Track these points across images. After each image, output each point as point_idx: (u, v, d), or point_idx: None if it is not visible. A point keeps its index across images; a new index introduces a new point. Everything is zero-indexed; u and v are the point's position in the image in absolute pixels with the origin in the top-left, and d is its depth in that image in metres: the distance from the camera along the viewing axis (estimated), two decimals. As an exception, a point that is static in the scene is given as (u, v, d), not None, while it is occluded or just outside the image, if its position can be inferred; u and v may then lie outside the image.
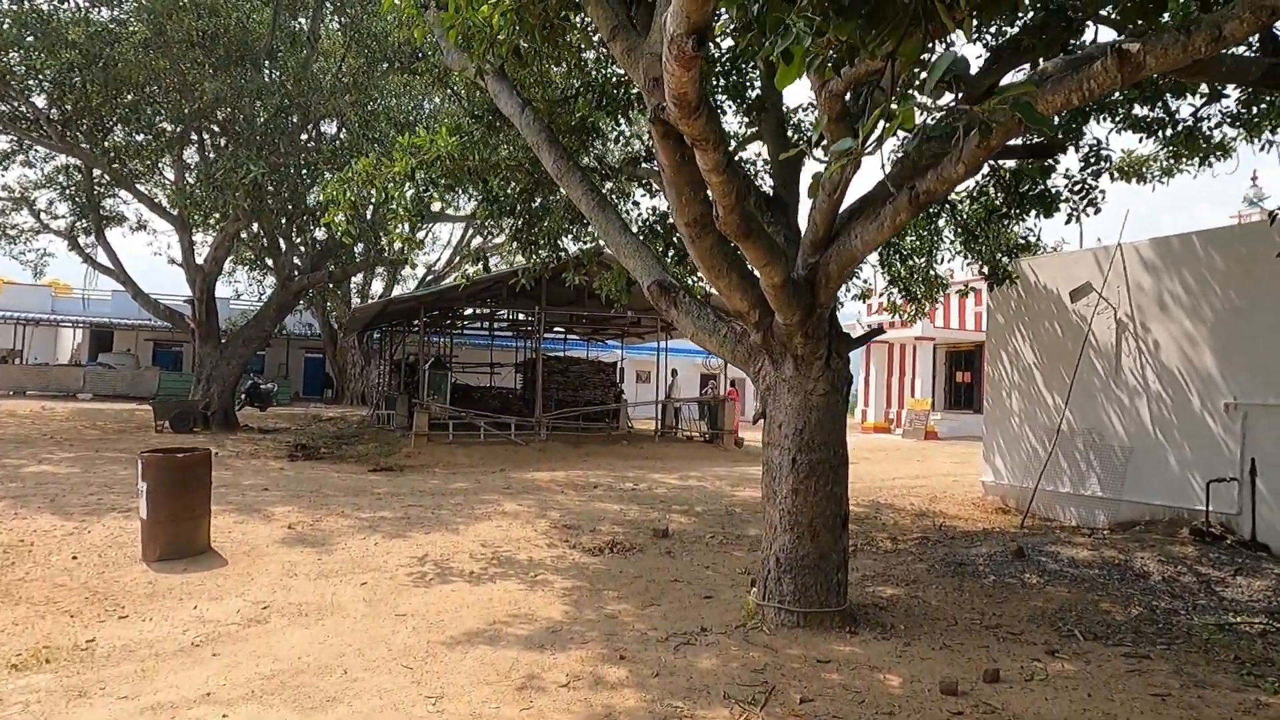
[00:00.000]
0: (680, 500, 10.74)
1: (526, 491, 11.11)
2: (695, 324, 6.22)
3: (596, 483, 12.04)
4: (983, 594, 6.42)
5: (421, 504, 9.84)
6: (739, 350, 6.05)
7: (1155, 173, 9.94)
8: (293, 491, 10.38)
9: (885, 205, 4.50)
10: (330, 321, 31.70)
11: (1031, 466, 10.46)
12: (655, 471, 13.53)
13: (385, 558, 7.24)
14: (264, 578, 6.49)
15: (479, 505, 9.85)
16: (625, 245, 6.67)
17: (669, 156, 4.77)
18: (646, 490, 11.52)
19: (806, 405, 5.60)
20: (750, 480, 12.87)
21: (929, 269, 11.17)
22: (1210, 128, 8.56)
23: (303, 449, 15.05)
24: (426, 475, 12.58)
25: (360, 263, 18.85)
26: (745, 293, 5.43)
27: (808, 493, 5.59)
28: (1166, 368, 8.93)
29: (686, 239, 5.21)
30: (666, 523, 9.03)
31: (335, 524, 8.50)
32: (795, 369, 5.59)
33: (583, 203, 7.02)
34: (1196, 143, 8.64)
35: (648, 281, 6.35)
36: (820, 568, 5.59)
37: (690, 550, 7.99)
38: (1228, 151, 9.09)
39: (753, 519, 9.62)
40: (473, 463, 14.04)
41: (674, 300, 6.25)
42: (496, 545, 7.89)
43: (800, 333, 5.41)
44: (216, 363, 18.33)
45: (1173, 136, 8.62)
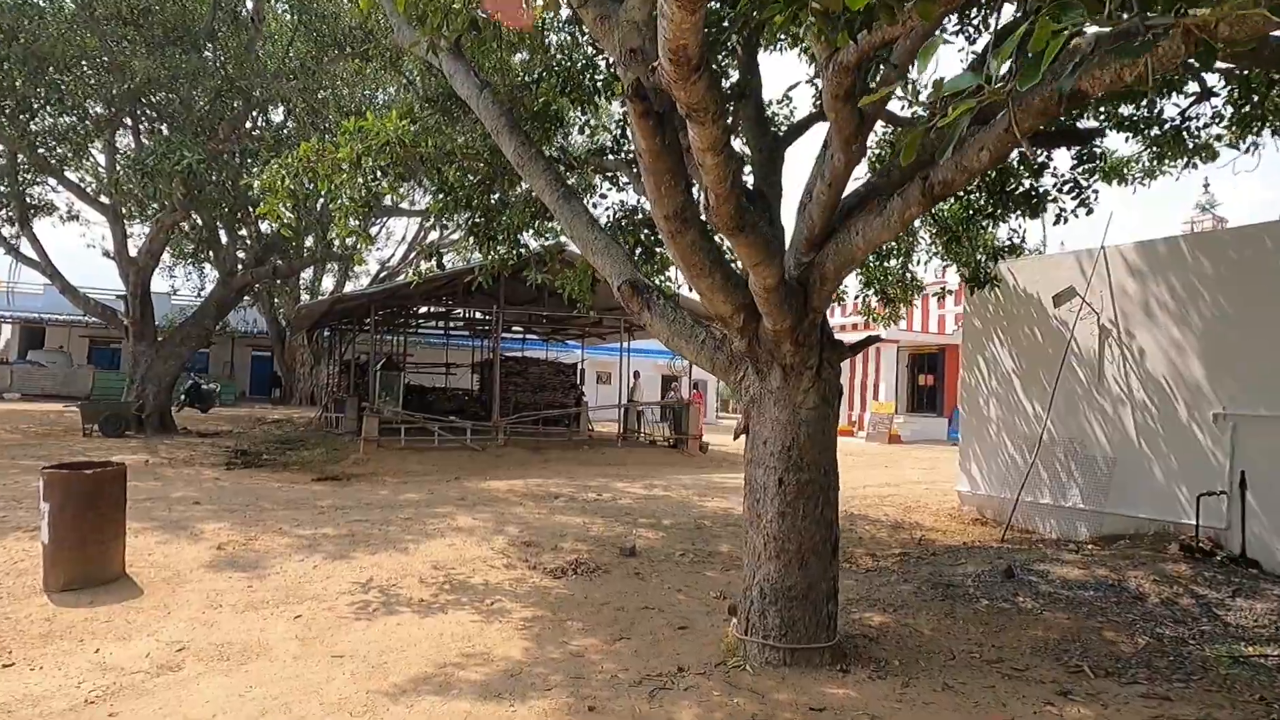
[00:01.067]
0: (646, 513, 10.17)
1: (483, 503, 10.43)
2: (670, 328, 5.65)
3: (557, 493, 11.41)
4: (977, 621, 5.96)
5: (368, 519, 9.11)
6: (718, 358, 5.50)
7: (1137, 174, 9.65)
8: (226, 505, 9.57)
9: (893, 199, 3.97)
10: (278, 319, 30.49)
11: (1009, 476, 10.12)
12: (619, 480, 12.94)
13: (324, 583, 6.53)
14: (183, 611, 5.75)
15: (431, 520, 9.16)
16: (593, 241, 6.10)
17: (649, 140, 4.20)
18: (610, 501, 10.93)
19: (795, 420, 5.07)
20: (718, 489, 12.35)
21: (904, 271, 10.77)
22: (1198, 128, 8.27)
23: (242, 455, 14.14)
24: (375, 485, 11.82)
25: (308, 258, 17.93)
26: (729, 295, 4.88)
27: (795, 516, 5.06)
28: (1152, 376, 8.62)
29: (665, 234, 4.64)
30: (633, 539, 8.45)
31: (271, 543, 7.75)
32: (783, 380, 5.05)
33: (546, 194, 6.42)
34: (1183, 143, 8.34)
35: (618, 281, 5.77)
36: (809, 599, 5.07)
37: (660, 571, 7.43)
38: (1212, 153, 8.83)
39: (724, 533, 9.10)
40: (425, 470, 13.30)
41: (647, 302, 5.68)
42: (449, 567, 7.23)
43: (790, 340, 4.87)
44: (152, 362, 17.26)
45: (1159, 136, 8.31)
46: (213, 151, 13.39)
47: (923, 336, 25.06)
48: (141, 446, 14.86)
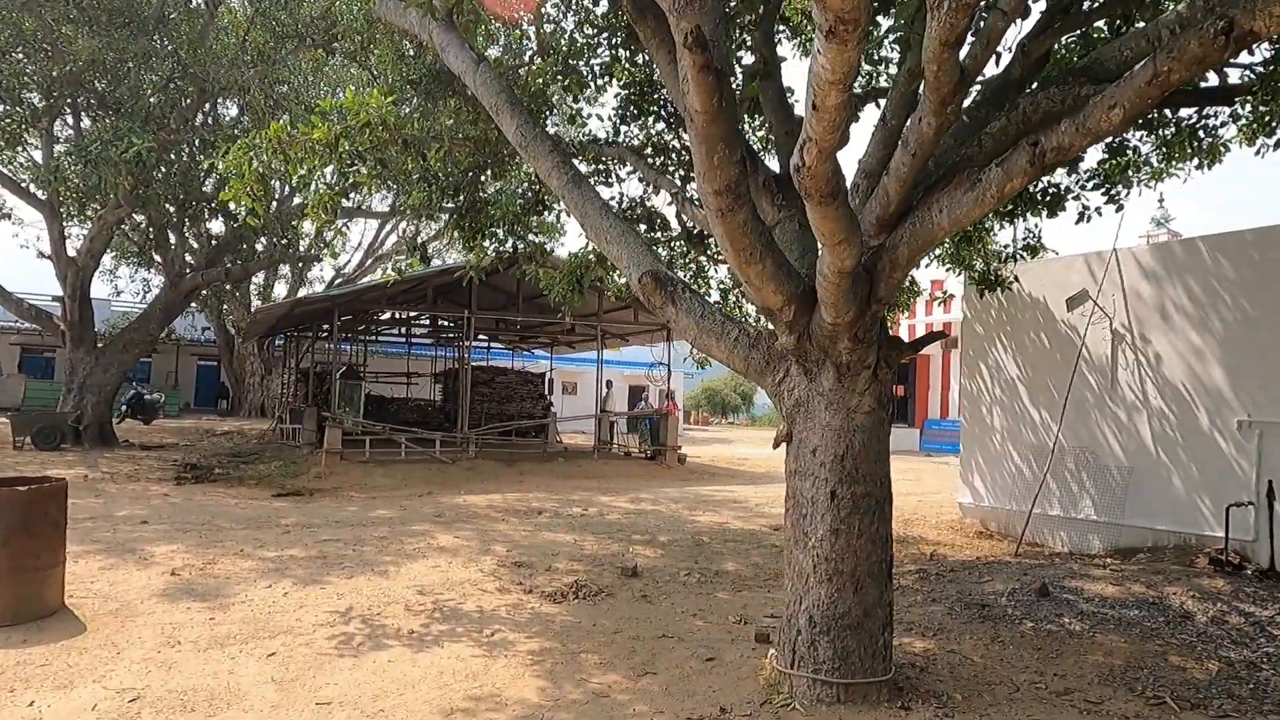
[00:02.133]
0: (639, 529, 9.54)
1: (461, 520, 9.68)
2: (699, 324, 5.07)
3: (540, 508, 10.71)
4: (1028, 646, 5.47)
5: (339, 538, 8.31)
6: (753, 357, 4.93)
7: (1144, 176, 9.40)
8: (179, 524, 8.67)
9: (990, 169, 3.45)
10: (227, 326, 29.10)
11: (1015, 488, 9.75)
12: (601, 493, 12.28)
13: (298, 614, 5.77)
14: (135, 650, 4.94)
15: (408, 539, 8.40)
16: (607, 230, 5.51)
17: (705, 98, 3.62)
18: (598, 516, 10.27)
19: (849, 425, 4.52)
20: (707, 503, 11.78)
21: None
22: (1215, 127, 8.01)
23: (192, 469, 13.12)
24: (342, 501, 10.97)
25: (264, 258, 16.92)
26: (780, 284, 4.32)
27: (850, 534, 4.50)
28: (1170, 382, 8.31)
29: (713, 213, 4.05)
30: (633, 559, 7.82)
31: (233, 567, 6.93)
32: (837, 380, 4.50)
33: (553, 178, 5.81)
34: (1197, 143, 8.07)
35: (638, 273, 5.18)
36: (864, 627, 4.51)
37: (668, 593, 6.81)
38: (1219, 155, 8.60)
39: (726, 551, 8.53)
40: (394, 485, 12.46)
41: (671, 296, 5.09)
42: (436, 592, 6.51)
43: (849, 335, 4.32)
44: (91, 370, 16.06)
45: (1173, 136, 8.02)
46: (163, 143, 12.43)
47: (893, 347, 24.87)
48: (80, 460, 13.72)
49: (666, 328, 17.05)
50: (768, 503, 11.92)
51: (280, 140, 6.76)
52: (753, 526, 9.94)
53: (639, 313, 16.95)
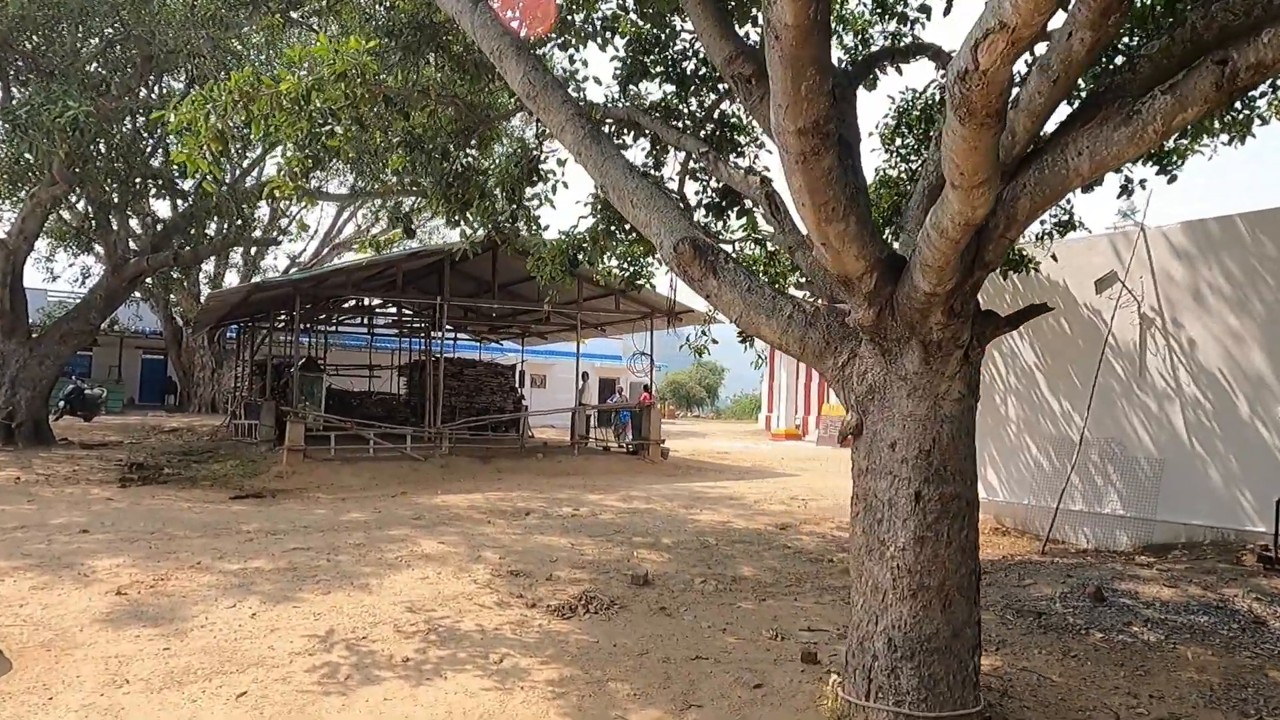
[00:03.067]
0: (638, 530, 8.81)
1: (443, 523, 8.85)
2: (745, 299, 4.36)
3: (526, 508, 9.92)
4: (1107, 661, 4.88)
5: (310, 546, 7.44)
6: (810, 337, 4.24)
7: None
8: (125, 533, 7.71)
9: (1155, 97, 2.79)
10: (174, 317, 27.57)
11: (1033, 481, 9.25)
12: (588, 491, 11.52)
13: (270, 640, 4.93)
14: (72, 693, 4.07)
15: (388, 545, 7.56)
16: (633, 191, 4.78)
17: (799, 8, 2.89)
18: (591, 517, 9.52)
19: (936, 415, 3.85)
20: (702, 501, 11.10)
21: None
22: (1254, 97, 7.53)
23: (139, 470, 12.03)
24: (309, 503, 10.04)
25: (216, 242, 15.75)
26: (864, 247, 3.62)
27: (938, 542, 3.83)
28: (1205, 368, 7.85)
29: (792, 158, 3.33)
30: (641, 565, 7.10)
31: (189, 584, 6.05)
32: (923, 362, 3.82)
33: (567, 133, 5.06)
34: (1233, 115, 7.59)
35: (673, 240, 4.46)
36: (953, 650, 3.85)
37: (686, 604, 6.11)
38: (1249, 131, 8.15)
39: (736, 554, 7.86)
40: (363, 484, 11.55)
41: (713, 266, 4.38)
42: (428, 608, 5.71)
43: (944, 307, 3.65)
44: (25, 362, 14.77)
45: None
46: (103, 111, 11.30)
47: (870, 337, 24.49)
48: (11, 461, 12.52)
49: (649, 316, 16.35)
50: (765, 499, 11.29)
51: (243, 92, 5.88)
52: (756, 526, 9.29)
53: (620, 300, 16.22)
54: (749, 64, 5.02)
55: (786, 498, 11.54)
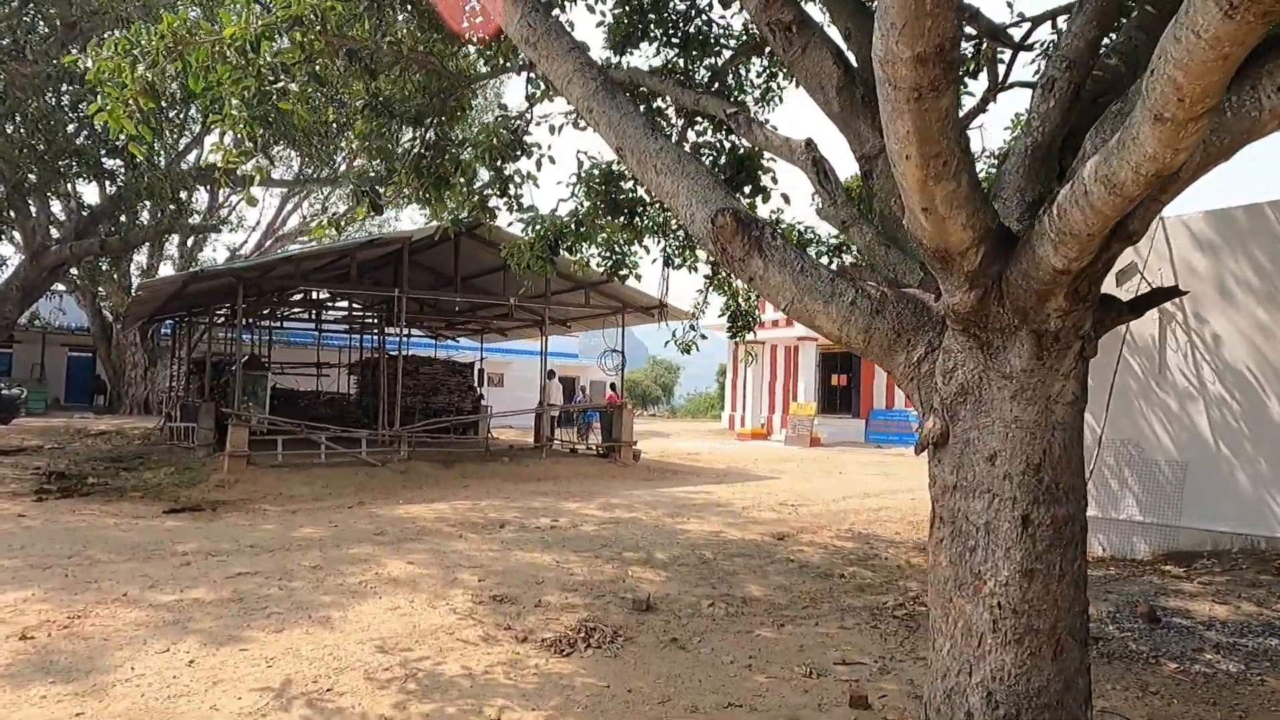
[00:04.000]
0: (626, 543, 8.04)
1: (410, 538, 7.95)
2: (797, 282, 3.62)
3: (500, 519, 9.05)
4: (1196, 699, 4.29)
5: (258, 570, 6.48)
6: (878, 327, 3.53)
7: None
8: (37, 558, 6.66)
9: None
10: (103, 312, 25.79)
11: (1041, 485, 8.72)
12: (564, 499, 10.70)
13: (212, 697, 4.04)
14: (-50, 787, 3.15)
15: (350, 568, 6.65)
16: (656, 156, 4.03)
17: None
18: (572, 529, 8.71)
19: (1047, 421, 3.17)
20: (687, 508, 10.38)
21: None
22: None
23: (59, 480, 10.81)
24: (254, 516, 9.02)
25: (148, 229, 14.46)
26: (974, 214, 2.91)
27: (1049, 576, 3.16)
28: (1231, 366, 7.40)
29: (906, 92, 2.59)
30: (639, 587, 6.34)
31: (112, 622, 5.09)
32: (1035, 357, 3.13)
33: (574, 85, 4.28)
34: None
35: (708, 212, 3.72)
36: (1065, 705, 3.18)
37: (698, 632, 5.37)
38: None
39: (739, 569, 7.15)
40: (316, 494, 10.53)
41: (758, 242, 3.64)
42: (403, 647, 4.86)
43: (1069, 290, 2.97)
44: (-71, 360, 13.31)
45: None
46: (16, 79, 10.07)
47: (836, 335, 24.08)
48: (-89, 470, 11.17)
49: (622, 312, 15.56)
50: (753, 505, 10.63)
51: (177, 37, 4.96)
52: (752, 536, 8.60)
53: (590, 295, 15.41)
54: (789, 9, 4.30)
55: (775, 503, 10.89)
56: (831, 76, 4.29)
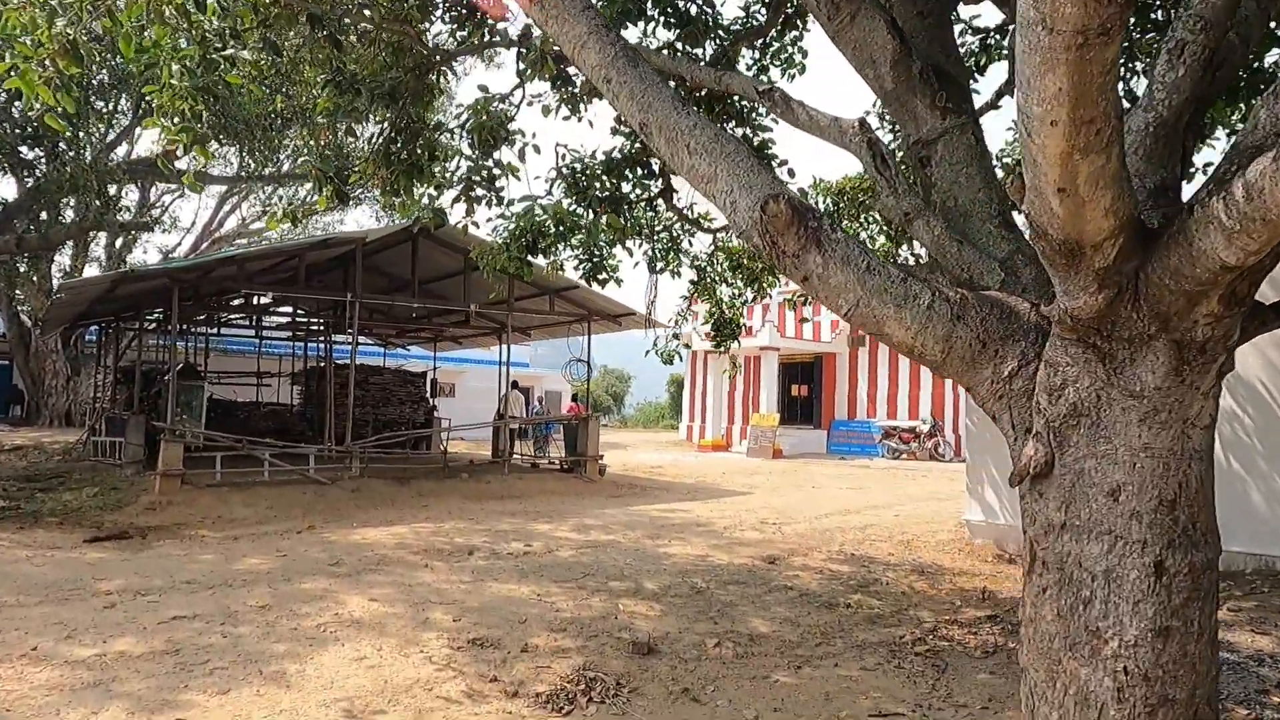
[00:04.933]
0: (609, 571, 7.38)
1: (369, 569, 7.16)
2: (863, 282, 3.06)
3: (467, 544, 8.30)
4: (1283, 754, 3.85)
5: (196, 612, 5.65)
6: (959, 335, 3.01)
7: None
8: (-71, 602, 5.70)
9: None
10: (20, 315, 24.02)
11: (1040, 502, 8.37)
12: (533, 519, 9.98)
13: (143, 790, 3.26)
14: None
15: (304, 608, 5.85)
16: (692, 133, 3.44)
17: None
18: (547, 554, 8.01)
19: (1183, 449, 2.66)
20: (666, 528, 9.76)
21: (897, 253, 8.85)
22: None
23: (-35, 503, 9.65)
24: (191, 545, 8.09)
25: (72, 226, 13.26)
26: (1119, 198, 2.38)
27: (1187, 635, 2.64)
28: (1242, 378, 7.13)
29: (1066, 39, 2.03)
30: (634, 624, 5.70)
31: (18, 686, 4.25)
32: (1172, 373, 2.62)
33: (589, 50, 3.71)
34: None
35: (757, 197, 3.14)
36: (1199, 790, 2.66)
37: (710, 679, 4.76)
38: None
39: (735, 599, 6.57)
40: (260, 517, 9.60)
41: (816, 236, 3.07)
42: (375, 709, 4.14)
43: (1225, 292, 2.46)
44: None
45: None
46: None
47: (797, 344, 23.85)
48: None
49: (587, 319, 14.87)
50: (733, 525, 10.07)
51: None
52: (741, 560, 8.03)
53: (555, 301, 14.70)
54: (836, -31, 3.77)
55: (755, 522, 10.35)
56: (885, 48, 3.76)
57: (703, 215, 8.30)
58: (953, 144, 3.70)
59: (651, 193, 7.30)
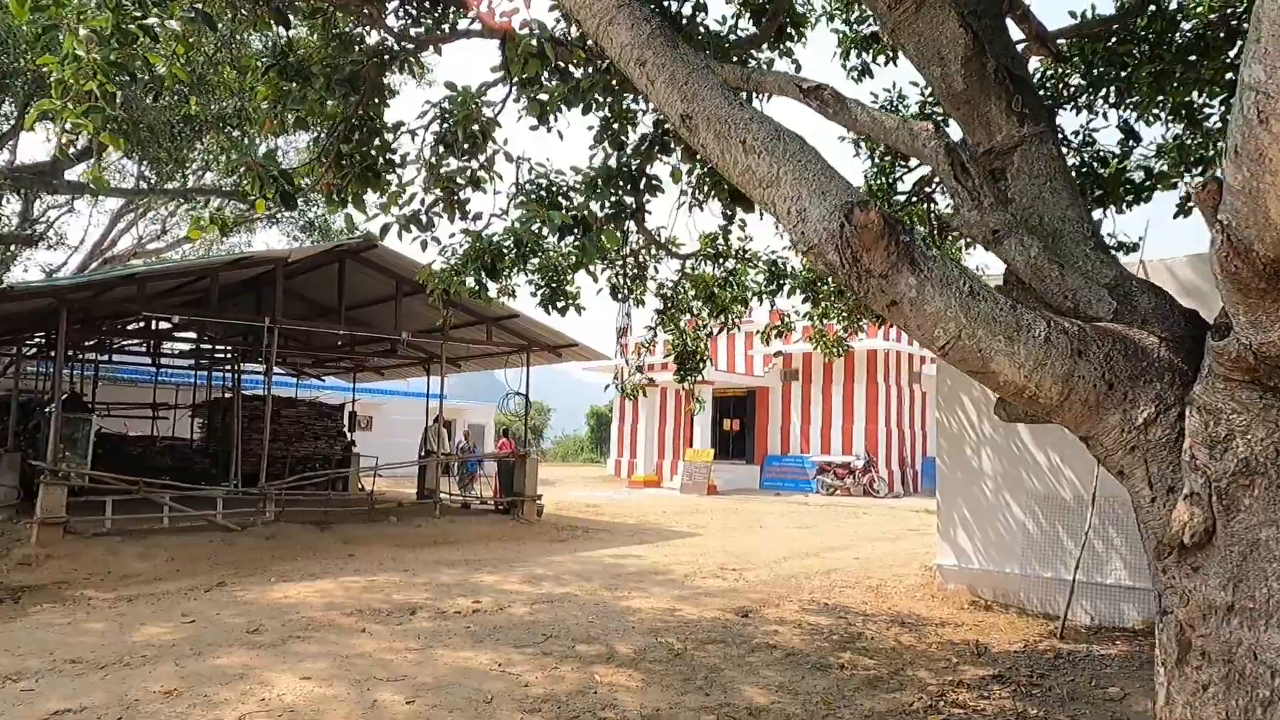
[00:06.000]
0: (574, 632, 6.60)
1: (296, 635, 6.17)
2: (966, 309, 2.58)
3: (408, 601, 7.36)
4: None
5: (84, 702, 4.60)
6: (1082, 374, 2.57)
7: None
8: None
9: None
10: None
11: (1016, 546, 8.08)
12: (477, 570, 9.07)
13: None
14: None
15: (220, 691, 4.87)
16: (751, 130, 2.95)
17: None
18: (499, 612, 7.16)
19: (1389, 518, 2.19)
20: (623, 577, 9.02)
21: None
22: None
23: None
24: (76, 609, 6.88)
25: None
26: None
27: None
28: None
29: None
30: (618, 700, 4.97)
31: None
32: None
33: (619, 28, 3.27)
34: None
35: (833, 206, 2.63)
36: None
37: (721, 771, 4.07)
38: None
39: (719, 662, 5.91)
40: (159, 572, 8.37)
41: (908, 253, 2.58)
42: (324, 837, 3.27)
43: None
44: None
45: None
46: None
47: (730, 377, 23.56)
48: None
49: (526, 350, 14.06)
50: (692, 572, 9.43)
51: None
52: (712, 614, 7.39)
53: (492, 330, 13.85)
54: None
55: (714, 568, 9.74)
56: (956, 43, 3.28)
57: (671, 240, 7.76)
58: (1032, 155, 3.24)
59: (626, 212, 6.69)
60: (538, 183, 6.42)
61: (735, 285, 7.94)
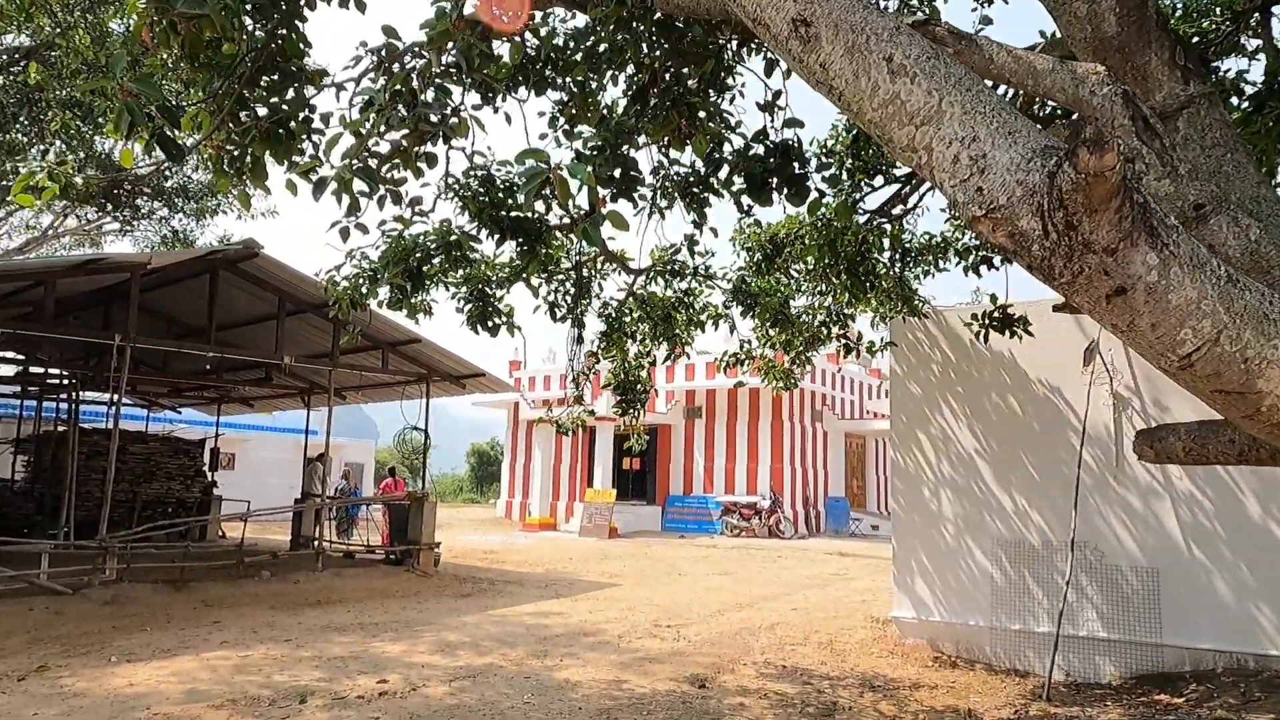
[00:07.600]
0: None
1: (145, 743, 4.69)
2: (1224, 297, 1.76)
3: (294, 685, 5.92)
4: None
5: None
6: None
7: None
8: None
9: None
10: None
11: (979, 597, 7.52)
12: (376, 637, 7.63)
13: None
14: None
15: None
16: (898, 45, 2.02)
17: None
18: (411, 694, 5.85)
19: None
20: (551, 641, 7.83)
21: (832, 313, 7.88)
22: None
23: None
24: None
25: None
26: None
27: None
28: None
29: None
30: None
31: None
32: None
33: None
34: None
35: (1032, 150, 1.76)
36: None
37: None
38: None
39: (697, 753, 4.89)
40: (-44, 653, 6.52)
41: (1148, 220, 1.72)
42: None
43: None
44: None
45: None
46: None
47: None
48: None
49: (426, 380, 12.63)
50: (626, 631, 8.36)
51: None
52: (662, 685, 6.37)
53: (389, 355, 12.39)
54: None
55: (647, 625, 8.71)
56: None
57: (621, 251, 6.84)
58: (1202, 120, 2.53)
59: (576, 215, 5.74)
60: (473, 175, 5.38)
61: (689, 308, 7.10)
